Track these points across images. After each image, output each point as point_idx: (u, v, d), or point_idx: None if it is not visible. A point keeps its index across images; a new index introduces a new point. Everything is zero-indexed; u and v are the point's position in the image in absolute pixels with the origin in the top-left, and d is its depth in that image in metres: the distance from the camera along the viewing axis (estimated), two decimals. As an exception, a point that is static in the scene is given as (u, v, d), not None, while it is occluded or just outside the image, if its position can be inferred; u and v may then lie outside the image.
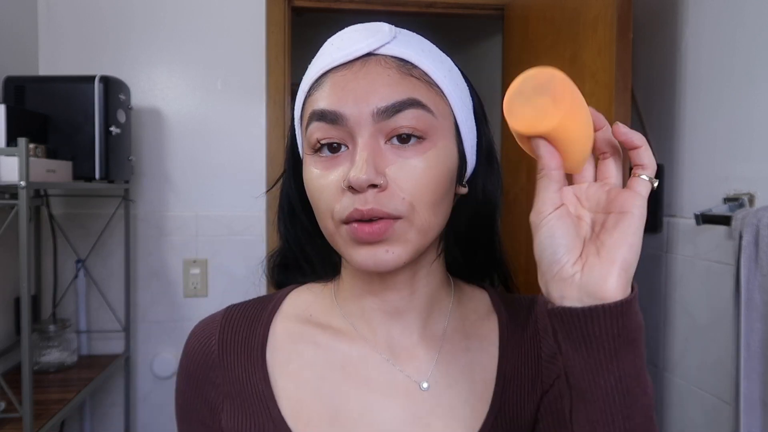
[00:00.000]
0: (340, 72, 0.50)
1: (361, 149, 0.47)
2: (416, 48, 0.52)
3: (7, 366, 1.62)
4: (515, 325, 0.59)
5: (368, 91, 0.48)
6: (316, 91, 0.51)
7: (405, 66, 0.50)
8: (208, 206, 1.90)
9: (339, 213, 0.48)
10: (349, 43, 0.50)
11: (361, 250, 0.48)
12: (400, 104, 0.48)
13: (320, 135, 0.49)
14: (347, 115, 0.48)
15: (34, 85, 1.56)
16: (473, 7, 2.03)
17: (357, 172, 0.46)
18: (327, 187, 0.49)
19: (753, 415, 1.11)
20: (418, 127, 0.49)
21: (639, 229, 0.41)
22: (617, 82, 1.38)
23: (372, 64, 0.49)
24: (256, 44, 1.89)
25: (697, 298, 1.45)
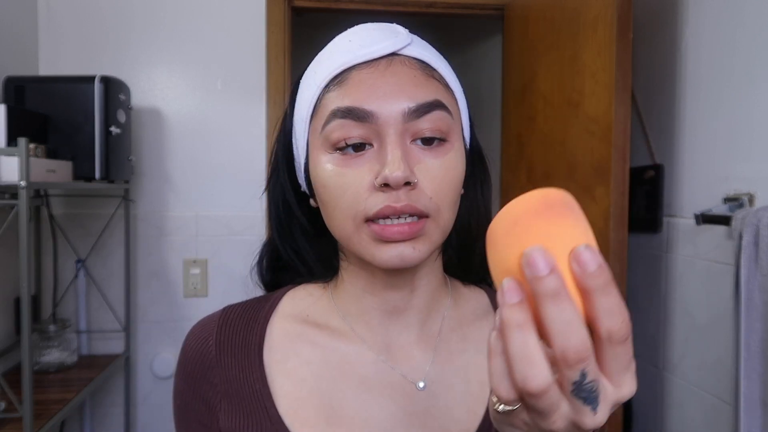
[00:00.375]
0: (365, 69, 0.49)
1: (393, 147, 0.47)
2: (431, 51, 0.53)
3: (7, 366, 1.62)
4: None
5: (397, 90, 0.48)
6: (337, 88, 0.50)
7: (427, 68, 0.51)
8: (208, 206, 1.90)
9: (366, 210, 0.48)
10: (371, 41, 0.50)
11: (387, 248, 0.48)
12: (428, 105, 0.49)
13: (344, 133, 0.49)
14: (377, 113, 0.48)
15: (34, 85, 1.56)
16: (473, 7, 2.03)
17: (393, 169, 0.46)
18: (351, 185, 0.49)
19: (753, 415, 1.12)
20: (442, 129, 0.49)
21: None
22: (617, 82, 1.38)
23: (398, 64, 0.50)
24: (256, 44, 1.89)
25: (697, 298, 1.45)
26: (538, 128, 1.75)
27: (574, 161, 1.55)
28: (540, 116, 1.74)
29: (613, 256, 1.40)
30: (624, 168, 1.39)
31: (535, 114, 1.77)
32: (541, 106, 1.73)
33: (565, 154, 1.60)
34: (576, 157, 1.54)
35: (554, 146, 1.66)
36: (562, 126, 1.62)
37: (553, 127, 1.67)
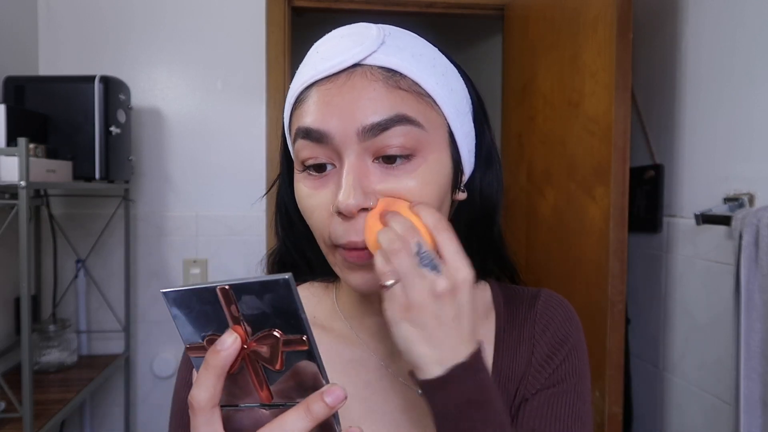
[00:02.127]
0: (324, 85, 0.47)
1: (347, 172, 0.46)
2: (406, 54, 0.48)
3: (7, 366, 1.62)
4: (513, 323, 0.58)
5: (353, 107, 0.46)
6: (301, 105, 0.49)
7: (393, 77, 0.47)
8: (208, 206, 1.90)
9: (331, 238, 0.48)
10: (334, 52, 0.47)
11: (355, 274, 0.48)
12: (386, 121, 0.46)
13: (306, 154, 0.48)
14: (332, 133, 0.46)
15: (34, 85, 1.56)
16: (473, 7, 2.03)
17: (344, 197, 0.45)
18: (317, 208, 0.48)
19: (753, 415, 1.12)
20: (407, 145, 0.46)
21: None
22: (617, 82, 1.38)
23: (357, 77, 0.46)
24: (256, 44, 1.89)
25: (697, 298, 1.45)
26: (538, 128, 1.75)
27: (574, 161, 1.55)
28: (540, 116, 1.74)
29: (613, 256, 1.39)
30: (624, 168, 1.39)
31: (535, 114, 1.77)
32: (541, 106, 1.73)
33: (565, 154, 1.60)
34: (576, 157, 1.54)
35: (554, 146, 1.66)
36: (562, 126, 1.62)
37: (553, 127, 1.67)
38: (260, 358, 0.36)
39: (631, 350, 1.71)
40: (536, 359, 0.56)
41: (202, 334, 0.37)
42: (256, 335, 0.36)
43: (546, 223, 1.70)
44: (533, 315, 0.58)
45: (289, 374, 0.37)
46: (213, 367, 0.35)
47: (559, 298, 0.60)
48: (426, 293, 0.42)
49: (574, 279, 1.54)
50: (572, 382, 0.55)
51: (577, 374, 0.55)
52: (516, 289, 0.62)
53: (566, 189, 1.59)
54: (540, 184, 1.74)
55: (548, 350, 0.56)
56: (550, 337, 0.56)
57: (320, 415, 0.35)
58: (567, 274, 1.58)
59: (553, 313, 0.58)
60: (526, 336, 0.57)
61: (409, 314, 0.42)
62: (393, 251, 0.42)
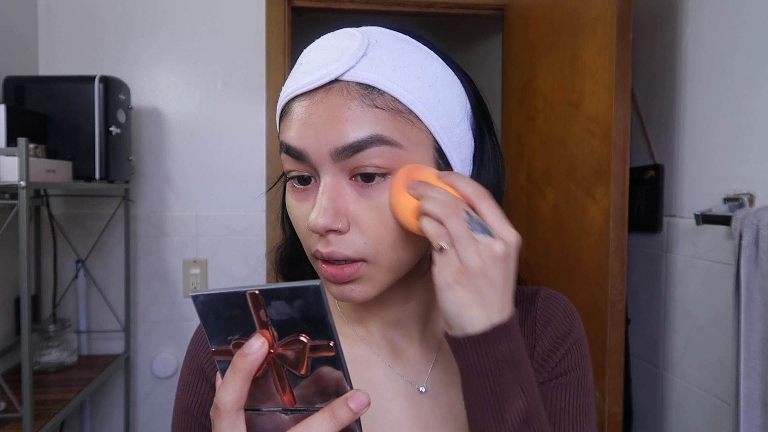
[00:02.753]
0: (303, 101, 0.47)
1: (322, 192, 0.46)
2: (386, 68, 0.46)
3: (7, 366, 1.62)
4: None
5: (326, 127, 0.45)
6: (284, 118, 0.50)
7: (369, 95, 0.46)
8: (208, 206, 1.90)
9: (309, 249, 0.49)
10: (314, 66, 0.47)
11: (332, 287, 0.49)
12: (360, 143, 0.45)
13: (288, 167, 0.49)
14: (308, 153, 0.46)
15: (34, 85, 1.56)
16: (473, 7, 2.03)
17: (315, 217, 0.45)
18: (301, 218, 0.50)
19: (753, 415, 1.12)
20: (382, 165, 0.46)
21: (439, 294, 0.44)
22: (617, 82, 1.38)
23: (334, 94, 0.46)
24: (256, 44, 1.89)
25: (697, 298, 1.45)
26: (538, 128, 1.75)
27: (574, 161, 1.55)
28: (540, 116, 1.74)
29: (613, 256, 1.39)
30: (624, 168, 1.39)
31: (535, 114, 1.77)
32: (541, 106, 1.73)
33: (565, 154, 1.60)
34: (576, 157, 1.54)
35: (554, 146, 1.66)
36: (562, 126, 1.62)
37: (553, 127, 1.67)
38: (286, 362, 0.37)
39: (631, 350, 1.71)
40: (538, 353, 0.56)
41: (229, 337, 0.38)
42: (284, 340, 0.37)
43: (546, 223, 1.70)
44: (534, 312, 0.59)
45: (311, 379, 0.37)
46: (240, 371, 0.36)
47: (559, 295, 0.61)
48: (484, 257, 0.42)
49: (574, 279, 1.54)
50: (575, 375, 0.56)
51: (580, 367, 0.56)
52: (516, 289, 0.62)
53: (566, 189, 1.59)
54: (540, 184, 1.74)
55: (550, 345, 0.56)
56: (552, 332, 0.57)
57: (345, 420, 0.35)
58: (567, 274, 1.58)
59: (553, 309, 0.59)
60: (527, 333, 0.58)
61: (465, 278, 0.42)
62: (446, 215, 0.43)
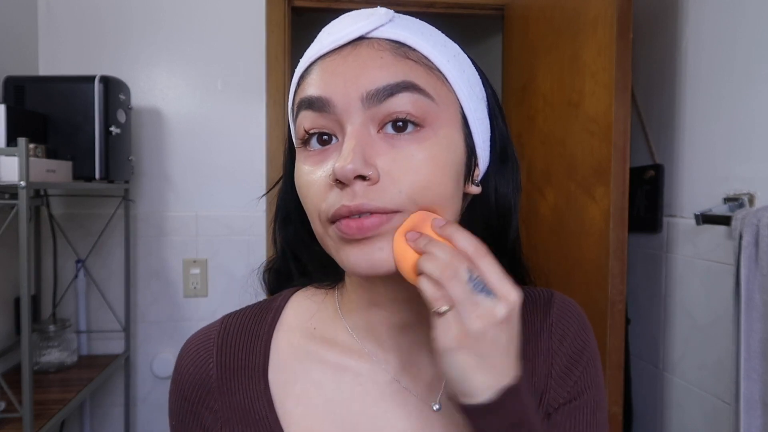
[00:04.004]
0: (328, 58, 0.46)
1: (349, 137, 0.43)
2: (414, 30, 0.47)
3: (7, 366, 1.62)
4: (529, 332, 0.55)
5: (357, 73, 0.44)
6: (304, 80, 0.47)
7: (401, 48, 0.45)
8: (208, 206, 1.90)
9: (325, 210, 0.44)
10: (340, 27, 0.46)
11: (353, 250, 0.44)
12: (393, 87, 0.43)
13: (308, 124, 0.46)
14: (335, 100, 0.44)
15: (34, 85, 1.56)
16: (473, 7, 2.03)
17: (342, 162, 0.41)
18: (314, 183, 0.45)
19: (753, 415, 1.11)
20: (415, 113, 0.44)
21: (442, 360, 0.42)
22: (617, 82, 1.38)
23: (363, 47, 0.45)
24: (256, 44, 1.89)
25: (697, 298, 1.45)
26: (538, 128, 1.75)
27: (574, 161, 1.55)
28: (540, 116, 1.74)
29: (613, 256, 1.39)
30: (624, 168, 1.39)
31: (535, 114, 1.77)
32: (541, 106, 1.73)
33: (565, 154, 1.60)
34: (576, 157, 1.54)
35: (554, 146, 1.66)
36: (562, 126, 1.62)
37: (553, 127, 1.67)
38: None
39: (631, 350, 1.71)
40: (556, 371, 0.54)
41: None
42: None
43: (546, 223, 1.70)
44: (549, 323, 0.56)
45: None
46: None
47: (572, 303, 0.58)
48: (487, 321, 0.40)
49: (574, 279, 1.54)
50: (592, 393, 0.54)
51: (595, 385, 0.55)
52: (525, 291, 0.58)
53: (566, 189, 1.59)
54: (540, 184, 1.73)
55: (567, 361, 0.54)
56: (568, 347, 0.55)
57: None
58: (567, 274, 1.58)
59: (568, 321, 0.56)
60: (543, 346, 0.55)
61: (468, 342, 0.40)
62: (446, 278, 0.40)
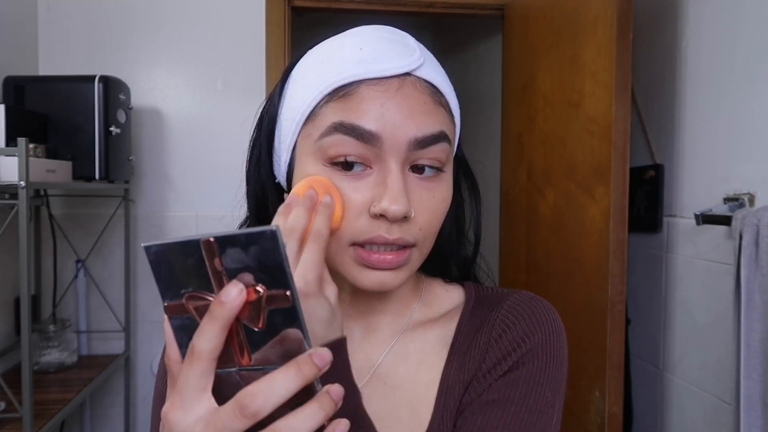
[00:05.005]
0: (374, 87, 0.47)
1: (395, 177, 0.46)
2: (440, 73, 0.51)
3: (7, 366, 1.62)
4: (471, 327, 0.55)
5: (406, 116, 0.47)
6: (342, 100, 0.47)
7: (436, 93, 0.49)
8: (208, 206, 1.90)
9: (355, 234, 0.47)
10: (384, 56, 0.48)
11: (369, 273, 0.48)
12: (434, 137, 0.48)
13: (344, 150, 0.47)
14: (383, 137, 0.46)
15: (34, 85, 1.56)
16: (473, 7, 2.03)
17: (396, 204, 0.45)
18: (351, 204, 0.47)
19: (753, 415, 1.11)
20: (441, 160, 0.49)
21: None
22: (617, 82, 1.38)
23: (409, 86, 0.48)
24: (256, 44, 1.89)
25: (697, 298, 1.45)
26: (538, 128, 1.75)
27: (574, 161, 1.55)
28: (540, 116, 1.74)
29: (613, 256, 1.39)
30: (624, 168, 1.39)
31: (535, 114, 1.77)
32: (541, 106, 1.73)
33: (565, 154, 1.60)
34: (576, 157, 1.54)
35: (554, 146, 1.66)
36: (562, 126, 1.62)
37: (553, 127, 1.67)
38: (242, 315, 0.35)
39: (631, 350, 1.71)
40: (486, 364, 0.52)
41: (182, 291, 0.36)
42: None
43: (546, 223, 1.70)
44: (492, 318, 0.55)
45: (274, 342, 0.35)
46: (218, 319, 0.33)
47: (535, 301, 0.55)
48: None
49: (574, 279, 1.54)
50: (519, 391, 0.50)
51: (527, 382, 0.50)
52: (490, 292, 0.59)
53: (566, 189, 1.59)
54: (540, 184, 1.74)
55: (501, 355, 0.52)
56: (507, 341, 0.52)
57: (310, 376, 0.34)
58: (567, 274, 1.58)
59: (517, 316, 0.54)
60: (481, 341, 0.54)
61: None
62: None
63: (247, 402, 0.32)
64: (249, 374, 0.36)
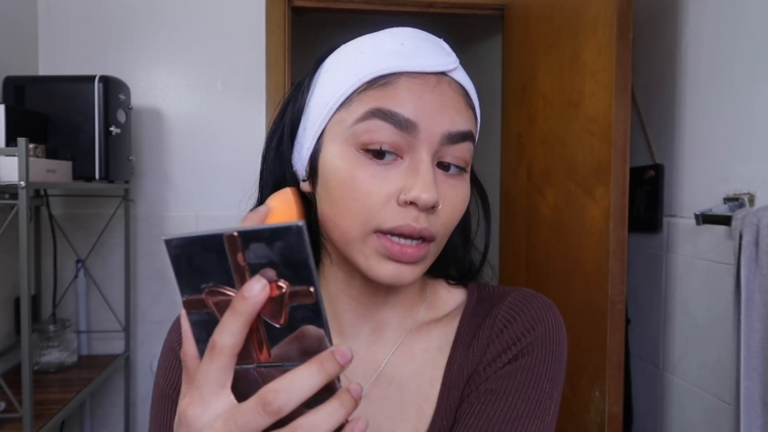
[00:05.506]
0: (415, 80, 0.48)
1: (427, 168, 0.47)
2: (470, 81, 0.53)
3: (7, 366, 1.62)
4: (471, 326, 0.57)
5: (442, 110, 0.48)
6: (382, 88, 0.48)
7: (467, 96, 0.51)
8: (208, 206, 1.90)
9: (380, 222, 0.47)
10: (424, 52, 0.50)
11: (388, 265, 0.48)
12: (464, 135, 0.49)
13: (379, 136, 0.47)
14: (420, 126, 0.47)
15: (34, 85, 1.56)
16: (473, 7, 2.03)
17: (426, 192, 0.46)
18: (374, 193, 0.47)
19: (753, 415, 1.11)
20: (467, 160, 0.50)
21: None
22: (617, 82, 1.38)
23: (445, 85, 0.50)
24: (256, 44, 1.89)
25: (697, 298, 1.45)
26: (538, 128, 1.75)
27: (574, 161, 1.55)
28: (540, 116, 1.74)
29: (613, 256, 1.39)
30: (624, 168, 1.39)
31: (535, 114, 1.77)
32: (541, 106, 1.73)
33: (565, 154, 1.60)
34: (576, 157, 1.54)
35: (554, 146, 1.66)
36: (562, 126, 1.62)
37: (553, 127, 1.67)
38: (263, 310, 0.34)
39: (631, 350, 1.71)
40: (487, 357, 0.53)
41: (202, 285, 0.35)
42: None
43: (546, 223, 1.70)
44: (494, 314, 0.56)
45: (293, 337, 0.35)
46: (241, 314, 0.33)
47: (535, 298, 0.57)
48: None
49: (574, 279, 1.54)
50: (517, 381, 0.51)
51: (526, 372, 0.51)
52: (492, 290, 0.60)
53: (566, 189, 1.59)
54: (540, 184, 1.74)
55: (501, 348, 0.53)
56: (508, 335, 0.54)
57: (332, 373, 0.34)
58: (567, 274, 1.58)
59: (518, 311, 0.55)
60: (483, 336, 0.55)
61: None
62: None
63: (271, 398, 0.32)
64: (268, 371, 0.35)
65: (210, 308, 0.35)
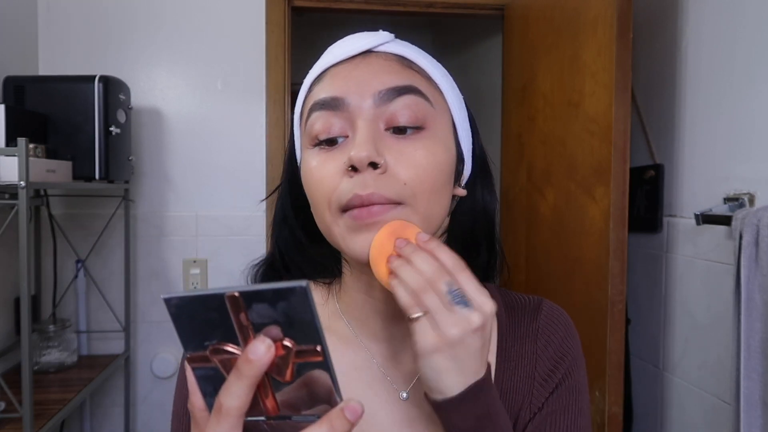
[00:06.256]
0: (341, 65, 0.52)
1: (361, 129, 0.48)
2: (414, 49, 0.54)
3: (7, 366, 1.62)
4: (515, 336, 0.58)
5: (370, 77, 0.50)
6: (316, 86, 0.52)
7: (404, 60, 0.52)
8: (208, 206, 1.90)
9: (338, 199, 0.48)
10: (350, 42, 0.52)
11: (359, 237, 0.48)
12: (400, 89, 0.49)
13: (321, 125, 0.50)
14: (348, 100, 0.49)
15: (34, 85, 1.56)
16: (473, 7, 2.03)
17: (357, 150, 0.46)
18: (325, 176, 0.49)
19: (753, 415, 1.11)
20: (417, 115, 0.49)
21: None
22: (617, 82, 1.38)
23: (373, 58, 0.51)
24: (256, 44, 1.89)
25: (697, 298, 1.45)
26: (538, 128, 1.75)
27: (574, 161, 1.55)
28: (540, 116, 1.74)
29: (613, 255, 1.39)
30: (624, 168, 1.39)
31: (535, 114, 1.77)
32: (541, 106, 1.73)
33: (565, 154, 1.60)
34: (576, 157, 1.54)
35: (554, 146, 1.66)
36: (562, 126, 1.62)
37: (553, 127, 1.67)
38: (269, 368, 0.34)
39: (631, 350, 1.71)
40: (539, 374, 0.56)
41: (206, 343, 0.35)
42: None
43: (546, 223, 1.70)
44: (535, 328, 0.58)
45: (300, 383, 0.34)
46: (246, 377, 0.33)
47: (560, 310, 0.61)
48: (463, 328, 0.43)
49: (574, 279, 1.54)
50: (573, 398, 0.56)
51: (577, 390, 0.56)
52: (515, 297, 0.62)
53: (566, 189, 1.59)
54: (540, 184, 1.74)
55: (550, 366, 0.56)
56: (552, 352, 0.57)
57: (342, 431, 0.34)
58: (567, 274, 1.58)
59: (555, 327, 0.58)
60: (528, 350, 0.57)
61: (444, 347, 0.43)
62: (421, 289, 0.44)
63: None
64: (277, 424, 0.35)
65: (215, 364, 0.35)
